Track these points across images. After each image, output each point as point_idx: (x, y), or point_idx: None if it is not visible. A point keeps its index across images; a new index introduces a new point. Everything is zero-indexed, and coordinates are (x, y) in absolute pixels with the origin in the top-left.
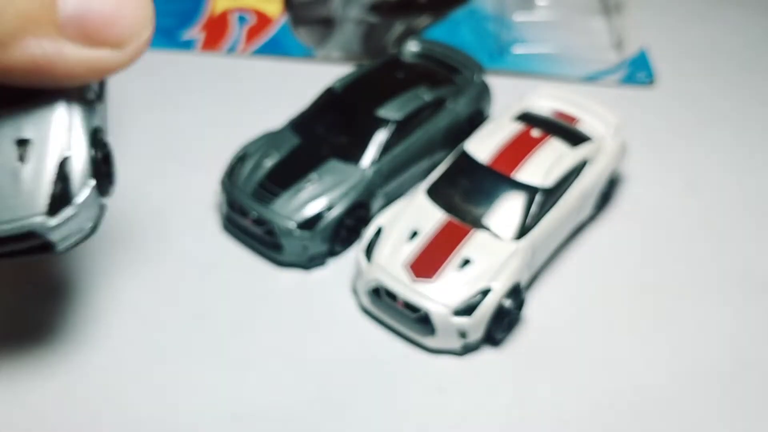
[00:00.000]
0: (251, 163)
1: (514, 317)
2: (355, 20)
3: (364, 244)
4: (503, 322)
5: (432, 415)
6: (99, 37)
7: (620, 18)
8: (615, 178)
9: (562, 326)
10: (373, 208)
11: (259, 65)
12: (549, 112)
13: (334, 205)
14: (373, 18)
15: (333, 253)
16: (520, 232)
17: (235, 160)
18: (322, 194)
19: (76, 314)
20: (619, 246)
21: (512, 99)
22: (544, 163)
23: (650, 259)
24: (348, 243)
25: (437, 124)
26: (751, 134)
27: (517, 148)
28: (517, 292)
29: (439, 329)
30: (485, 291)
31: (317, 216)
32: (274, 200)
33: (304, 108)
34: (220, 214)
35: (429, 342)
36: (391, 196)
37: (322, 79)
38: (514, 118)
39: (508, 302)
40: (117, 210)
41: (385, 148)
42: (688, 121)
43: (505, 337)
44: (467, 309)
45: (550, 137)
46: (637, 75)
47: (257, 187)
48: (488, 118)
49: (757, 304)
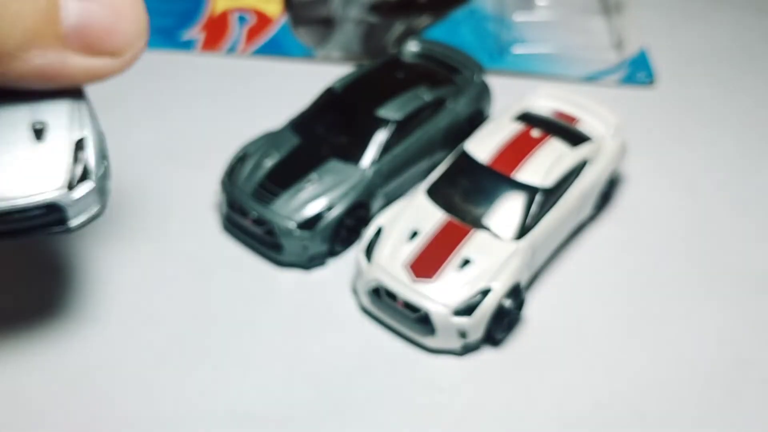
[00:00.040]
0: (251, 163)
1: (514, 317)
2: (355, 20)
3: (364, 244)
4: (503, 322)
5: (432, 415)
6: (99, 47)
7: (620, 18)
8: (615, 178)
9: (562, 326)
10: (373, 208)
11: (259, 65)
12: (549, 112)
13: (334, 205)
14: (373, 18)
15: (333, 253)
16: (520, 232)
17: (235, 160)
18: (322, 194)
19: (75, 314)
20: (619, 246)
21: (512, 99)
22: (544, 163)
23: (650, 259)
24: (348, 243)
25: (437, 124)
26: (751, 134)
27: (517, 148)
28: (517, 292)
29: (439, 329)
30: (485, 291)
31: (317, 216)
32: (274, 200)
33: (304, 108)
34: (220, 214)
35: (429, 342)
36: (391, 196)
37: (322, 79)
38: (514, 118)
39: (508, 302)
40: (117, 209)
41: (385, 148)
42: (688, 121)
43: (505, 337)
44: (467, 309)
45: (550, 137)
46: (637, 75)
47: (257, 187)
48: (488, 118)
49: (757, 304)
